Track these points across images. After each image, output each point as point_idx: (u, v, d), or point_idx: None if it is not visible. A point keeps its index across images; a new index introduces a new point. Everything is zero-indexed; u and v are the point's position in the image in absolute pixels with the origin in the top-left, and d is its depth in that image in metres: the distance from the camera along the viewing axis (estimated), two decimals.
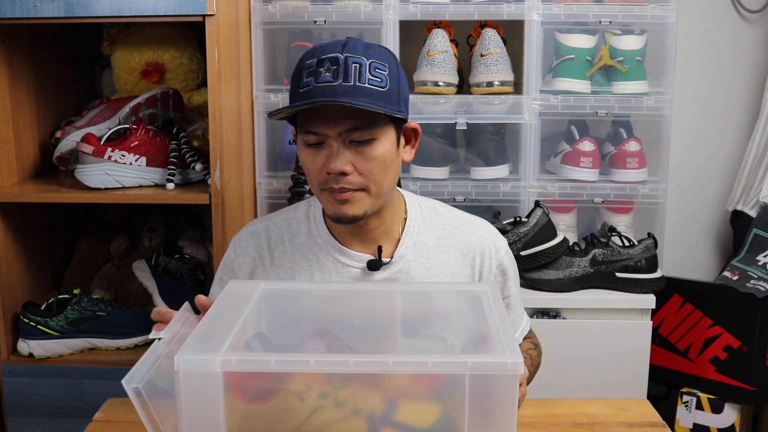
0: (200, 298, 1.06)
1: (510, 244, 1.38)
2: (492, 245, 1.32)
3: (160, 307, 1.73)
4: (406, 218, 1.31)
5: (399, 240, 1.29)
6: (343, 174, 1.15)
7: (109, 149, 1.66)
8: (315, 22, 1.86)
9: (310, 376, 0.84)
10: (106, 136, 1.68)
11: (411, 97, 1.39)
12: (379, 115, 1.15)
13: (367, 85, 1.13)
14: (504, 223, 1.85)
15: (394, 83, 1.17)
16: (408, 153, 1.26)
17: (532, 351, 1.36)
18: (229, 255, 1.32)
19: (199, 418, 0.85)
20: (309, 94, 1.13)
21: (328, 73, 1.13)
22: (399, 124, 1.21)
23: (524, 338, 1.39)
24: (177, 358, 0.83)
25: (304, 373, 0.84)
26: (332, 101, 1.11)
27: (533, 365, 1.34)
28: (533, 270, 1.85)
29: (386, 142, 1.18)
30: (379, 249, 1.27)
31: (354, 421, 0.84)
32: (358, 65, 1.14)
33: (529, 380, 1.29)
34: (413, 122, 1.25)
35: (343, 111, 1.14)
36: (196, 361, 0.83)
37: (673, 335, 2.03)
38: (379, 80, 1.15)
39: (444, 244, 1.31)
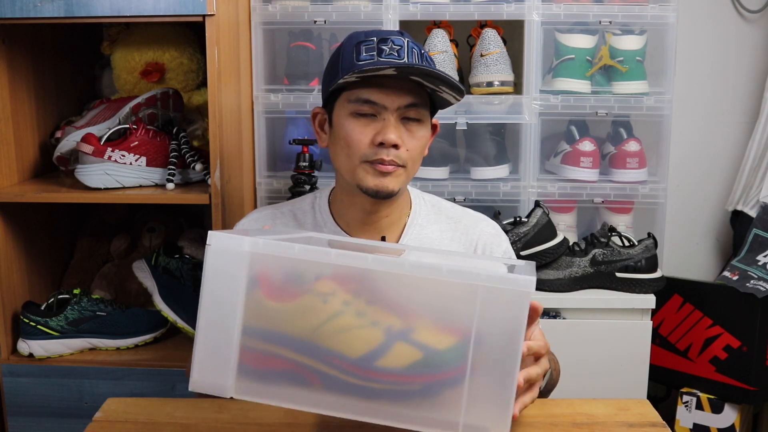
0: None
1: (510, 244, 1.39)
2: (494, 239, 1.33)
3: (161, 305, 1.75)
4: (410, 211, 1.33)
5: (402, 231, 1.31)
6: (395, 147, 1.19)
7: (109, 149, 1.66)
8: (315, 22, 1.86)
9: (339, 281, 0.86)
10: (106, 136, 1.68)
11: None
12: (427, 100, 1.22)
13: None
14: (504, 223, 1.85)
15: None
16: (426, 148, 1.30)
17: (553, 357, 1.29)
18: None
19: (219, 300, 0.87)
20: (377, 66, 1.16)
21: (393, 53, 1.18)
22: (431, 116, 1.27)
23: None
24: (210, 233, 0.88)
25: (331, 278, 0.86)
26: (423, 67, 1.15)
27: (556, 369, 1.28)
28: None
29: (427, 129, 1.25)
30: (383, 239, 1.29)
31: (371, 330, 0.85)
32: (418, 51, 1.21)
33: (549, 384, 1.23)
34: (435, 119, 1.30)
35: (404, 87, 1.19)
36: (226, 239, 0.87)
37: (673, 335, 2.03)
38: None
39: (446, 237, 1.32)
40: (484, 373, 0.83)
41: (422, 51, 1.22)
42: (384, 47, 1.18)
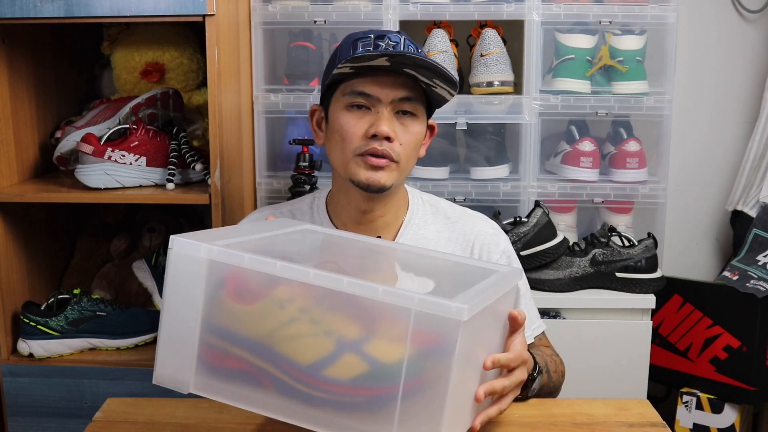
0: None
1: (510, 244, 1.39)
2: (491, 239, 1.33)
3: (158, 303, 1.75)
4: (407, 211, 1.33)
5: (398, 232, 1.31)
6: (388, 139, 1.19)
7: (109, 149, 1.66)
8: (315, 22, 1.86)
9: (296, 288, 0.86)
10: (106, 136, 1.68)
11: None
12: (422, 96, 1.22)
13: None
14: (504, 223, 1.85)
15: None
16: (422, 149, 1.30)
17: (555, 358, 1.32)
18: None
19: (180, 300, 0.90)
20: (370, 54, 1.16)
21: (389, 48, 1.18)
22: (427, 116, 1.27)
23: (543, 344, 1.36)
24: (172, 237, 0.90)
25: (290, 285, 0.87)
26: (416, 56, 1.14)
27: (557, 371, 1.28)
28: (533, 270, 1.85)
29: (422, 125, 1.25)
30: (378, 239, 1.28)
31: (322, 339, 0.86)
32: (414, 48, 1.21)
33: (546, 388, 1.23)
34: (432, 120, 1.31)
35: (399, 81, 1.19)
36: (185, 245, 0.90)
37: (673, 335, 2.03)
38: None
39: (443, 237, 1.32)
40: (416, 391, 0.83)
41: (419, 49, 1.22)
42: (381, 43, 1.19)
